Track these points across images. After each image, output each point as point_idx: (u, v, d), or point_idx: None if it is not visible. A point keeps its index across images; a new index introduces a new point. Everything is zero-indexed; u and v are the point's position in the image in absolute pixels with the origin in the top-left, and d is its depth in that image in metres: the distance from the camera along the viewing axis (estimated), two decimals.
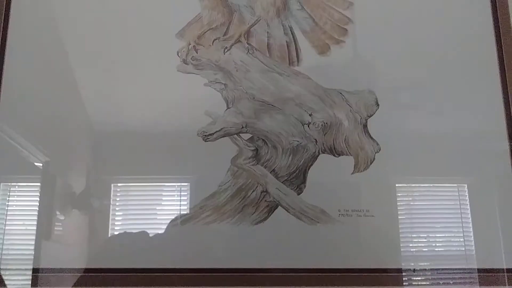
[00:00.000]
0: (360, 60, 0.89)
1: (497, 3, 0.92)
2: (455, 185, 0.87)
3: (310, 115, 0.86)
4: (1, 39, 0.88)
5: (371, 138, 0.85)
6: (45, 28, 0.89)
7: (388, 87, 0.88)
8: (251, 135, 0.86)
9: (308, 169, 0.84)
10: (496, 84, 0.89)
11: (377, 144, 0.85)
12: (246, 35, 0.89)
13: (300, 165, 0.85)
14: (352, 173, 0.84)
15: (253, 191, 0.83)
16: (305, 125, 0.86)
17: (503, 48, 0.90)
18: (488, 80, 0.89)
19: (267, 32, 0.90)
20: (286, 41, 0.89)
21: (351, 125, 0.86)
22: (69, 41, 0.88)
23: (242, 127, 0.85)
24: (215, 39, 0.89)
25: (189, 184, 0.85)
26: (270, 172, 0.84)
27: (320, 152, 0.85)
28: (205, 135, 0.84)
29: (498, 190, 0.86)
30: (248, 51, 0.88)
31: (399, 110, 0.88)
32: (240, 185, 0.83)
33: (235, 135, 0.85)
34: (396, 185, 0.85)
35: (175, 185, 0.86)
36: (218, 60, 0.88)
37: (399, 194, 0.85)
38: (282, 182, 0.84)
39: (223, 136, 0.85)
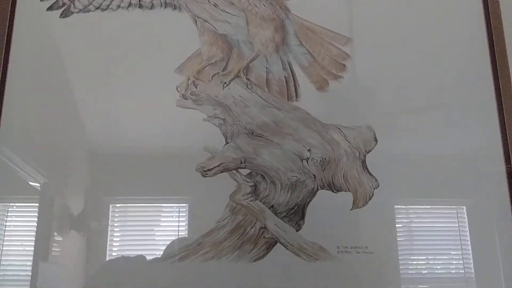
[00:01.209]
0: (358, 93, 0.90)
1: (492, 30, 0.93)
2: (454, 207, 0.87)
3: (309, 150, 0.86)
4: (3, 63, 0.89)
5: (370, 174, 0.85)
6: (46, 55, 0.90)
7: (386, 112, 0.89)
8: (250, 171, 0.86)
9: (307, 205, 0.84)
10: (492, 107, 0.90)
11: (376, 180, 0.85)
12: (245, 70, 0.90)
13: (299, 201, 0.84)
14: (351, 209, 0.84)
15: (251, 227, 0.83)
16: (303, 160, 0.86)
17: (498, 72, 0.91)
18: (484, 103, 0.90)
19: (266, 67, 0.90)
20: (285, 76, 0.90)
21: (349, 161, 0.86)
22: (70, 68, 0.89)
23: (241, 163, 0.86)
24: (214, 74, 0.89)
25: (187, 205, 0.85)
26: (269, 208, 0.84)
27: (319, 188, 0.85)
28: (204, 171, 0.84)
29: (497, 212, 0.86)
30: (247, 86, 0.89)
31: (397, 134, 0.88)
32: (238, 221, 0.83)
33: (234, 171, 0.85)
34: (395, 206, 0.85)
35: (173, 206, 0.86)
36: (217, 95, 0.88)
37: (397, 216, 0.85)
38: (280, 218, 0.83)
39: (221, 172, 0.85)
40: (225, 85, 0.88)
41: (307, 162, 0.86)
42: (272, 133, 0.87)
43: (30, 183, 0.85)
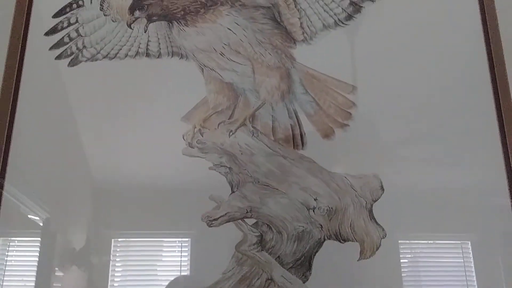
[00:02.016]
0: (364, 141, 0.90)
1: (494, 60, 0.93)
2: (459, 242, 0.86)
3: (315, 199, 0.86)
4: (12, 106, 0.90)
5: (377, 223, 0.85)
6: (53, 99, 0.92)
7: (389, 145, 0.89)
8: (256, 220, 0.85)
9: (314, 256, 0.83)
10: (496, 140, 0.89)
11: (383, 229, 0.84)
12: (251, 119, 0.90)
13: (306, 251, 0.83)
14: (358, 260, 0.83)
15: (258, 279, 0.82)
16: (310, 210, 0.85)
17: (501, 105, 0.91)
18: (488, 137, 0.90)
19: (272, 116, 0.91)
20: (291, 125, 0.90)
21: (356, 210, 0.85)
22: (77, 112, 0.91)
23: (247, 212, 0.85)
24: (220, 123, 0.90)
25: (189, 239, 0.84)
26: (275, 259, 0.83)
27: (326, 238, 0.84)
28: (210, 220, 0.84)
29: (502, 247, 0.85)
30: (253, 135, 0.89)
31: (401, 168, 0.88)
32: (244, 273, 0.82)
33: (240, 220, 0.84)
34: (399, 241, 0.84)
35: (176, 240, 0.85)
36: (223, 144, 0.88)
37: (401, 251, 0.84)
38: (287, 269, 0.82)
39: (227, 221, 0.84)
40: (231, 133, 0.89)
41: (313, 211, 0.85)
42: (278, 181, 0.86)
43: (32, 217, 0.85)
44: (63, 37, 0.93)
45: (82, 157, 0.88)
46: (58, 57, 0.92)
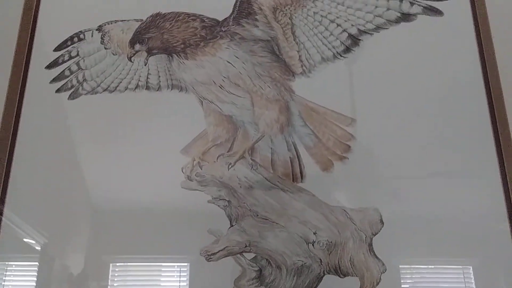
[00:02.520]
0: (364, 174, 0.90)
1: (491, 91, 0.94)
2: (460, 267, 0.85)
3: (315, 233, 0.85)
4: (12, 136, 0.90)
5: (377, 257, 0.84)
6: (53, 130, 0.92)
7: (389, 177, 0.89)
8: (255, 255, 0.84)
9: None
10: (494, 168, 0.90)
11: (383, 264, 0.83)
12: (250, 151, 0.90)
13: (305, 286, 0.83)
14: None
15: None
16: (309, 244, 0.85)
17: (499, 131, 0.92)
18: (487, 164, 0.90)
19: (271, 148, 0.91)
20: (290, 157, 0.90)
21: (356, 244, 0.85)
22: (76, 143, 0.91)
23: (246, 246, 0.84)
24: (219, 155, 0.90)
25: (188, 264, 0.83)
26: None
27: (325, 273, 0.83)
28: (208, 255, 0.83)
29: (504, 272, 0.84)
30: (252, 167, 0.89)
31: (401, 196, 0.88)
32: None
33: (239, 255, 0.84)
34: (400, 266, 0.84)
35: (174, 265, 0.84)
36: (222, 177, 0.88)
37: (402, 276, 0.83)
38: None
39: (226, 256, 0.83)
40: (230, 166, 0.89)
41: (313, 245, 0.84)
42: (278, 215, 0.86)
43: (31, 242, 0.85)
44: (63, 70, 0.94)
45: (81, 184, 0.88)
46: (59, 90, 0.93)
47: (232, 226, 0.86)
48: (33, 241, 0.85)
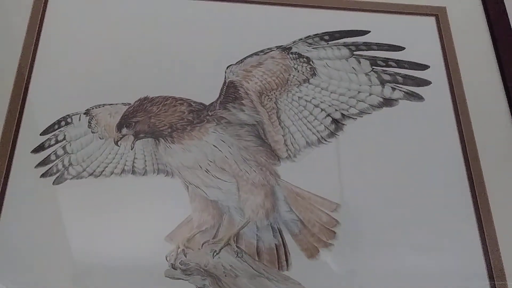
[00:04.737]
0: (349, 261, 0.89)
1: (472, 171, 0.97)
2: None
3: None
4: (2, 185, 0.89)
5: None
6: (37, 210, 0.90)
7: (374, 263, 0.90)
8: None
9: None
10: (473, 228, 0.92)
11: None
12: (235, 238, 0.90)
13: None
14: None
15: None
16: None
17: (477, 195, 0.95)
18: (465, 223, 0.93)
19: (257, 235, 0.90)
20: (276, 244, 0.90)
21: None
22: (59, 222, 0.89)
23: None
24: (204, 242, 0.89)
25: None
26: None
27: None
28: None
29: None
30: (237, 255, 0.88)
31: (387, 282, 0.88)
32: None
33: None
34: None
35: None
36: (206, 265, 0.87)
37: None
38: None
39: None
40: (215, 254, 0.88)
41: None
42: None
43: None
44: (49, 155, 0.94)
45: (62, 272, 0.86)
46: (43, 175, 0.92)
47: None
48: None
